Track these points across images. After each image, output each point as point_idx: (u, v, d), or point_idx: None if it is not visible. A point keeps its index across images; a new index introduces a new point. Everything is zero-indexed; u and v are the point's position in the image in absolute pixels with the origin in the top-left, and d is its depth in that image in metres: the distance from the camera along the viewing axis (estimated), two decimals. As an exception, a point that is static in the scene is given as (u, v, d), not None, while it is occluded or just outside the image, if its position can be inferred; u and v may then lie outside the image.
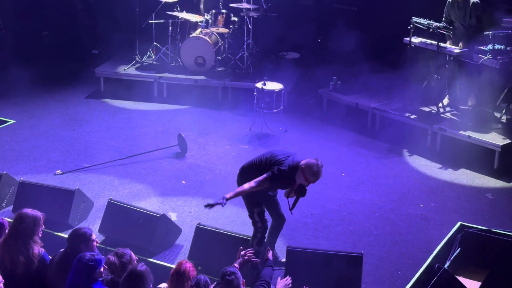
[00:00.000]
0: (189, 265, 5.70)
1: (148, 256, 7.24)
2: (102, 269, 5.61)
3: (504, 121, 9.92)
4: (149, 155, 9.72)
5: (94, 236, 6.12)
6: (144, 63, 12.23)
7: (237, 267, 5.97)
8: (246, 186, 6.54)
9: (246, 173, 6.76)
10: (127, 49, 12.49)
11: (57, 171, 9.16)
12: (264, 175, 6.51)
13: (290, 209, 6.72)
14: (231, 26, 11.89)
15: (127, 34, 12.42)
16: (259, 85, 10.41)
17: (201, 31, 11.78)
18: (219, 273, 6.76)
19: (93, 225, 7.76)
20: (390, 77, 10.88)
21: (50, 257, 6.17)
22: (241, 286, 5.59)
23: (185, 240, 7.63)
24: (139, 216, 7.50)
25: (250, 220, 6.93)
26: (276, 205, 7.04)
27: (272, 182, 6.56)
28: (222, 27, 11.81)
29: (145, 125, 10.79)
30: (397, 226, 8.08)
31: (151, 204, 8.41)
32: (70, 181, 8.89)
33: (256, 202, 6.82)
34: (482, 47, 9.88)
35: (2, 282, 5.51)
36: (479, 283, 7.19)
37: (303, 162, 6.55)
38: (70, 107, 11.40)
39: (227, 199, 6.47)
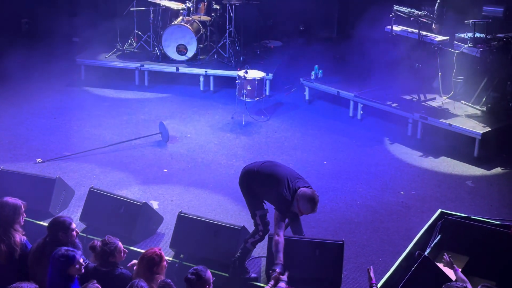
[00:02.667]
0: (152, 251, 5.71)
1: (130, 245, 7.21)
2: (78, 266, 5.55)
3: (485, 109, 9.98)
4: (130, 143, 9.68)
5: (74, 225, 6.09)
6: (125, 51, 12.16)
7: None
8: (277, 239, 6.35)
9: (249, 182, 6.64)
10: (108, 37, 12.40)
11: (38, 160, 9.10)
12: (276, 216, 6.42)
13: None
14: (213, 14, 11.85)
15: (108, 22, 12.33)
16: (241, 73, 10.39)
17: (182, 19, 11.72)
18: (201, 261, 6.79)
19: (74, 213, 7.72)
20: (372, 66, 10.91)
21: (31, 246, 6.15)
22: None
23: (167, 228, 7.63)
24: (121, 204, 7.47)
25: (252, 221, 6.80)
26: (298, 222, 7.02)
27: (284, 216, 6.53)
28: (204, 15, 11.76)
29: (127, 113, 10.74)
30: (378, 214, 8.13)
31: (132, 192, 8.39)
32: (51, 170, 8.84)
33: (259, 205, 6.69)
34: (462, 35, 9.93)
35: None
36: (459, 270, 7.25)
37: (300, 191, 6.39)
38: (50, 95, 11.31)
39: (281, 262, 6.29)
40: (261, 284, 6.78)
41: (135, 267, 5.89)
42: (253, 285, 6.79)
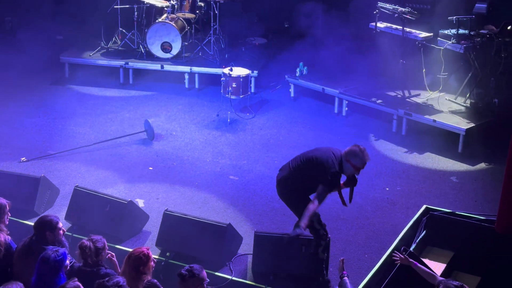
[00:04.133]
0: (140, 251, 5.70)
1: (116, 243, 7.20)
2: (66, 264, 5.56)
3: (469, 105, 10.04)
4: (115, 141, 9.65)
5: (60, 224, 6.07)
6: (109, 49, 12.11)
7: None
8: (312, 206, 6.24)
9: (292, 185, 6.48)
10: (92, 34, 12.34)
11: (22, 159, 9.05)
12: (321, 189, 6.26)
13: (350, 201, 6.58)
14: (197, 11, 11.82)
15: (92, 20, 12.26)
16: (226, 70, 10.39)
17: (167, 16, 11.69)
18: (188, 259, 6.79)
19: (59, 212, 7.69)
20: (357, 63, 10.94)
21: (16, 245, 6.11)
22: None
23: (153, 226, 7.61)
24: (106, 203, 7.45)
25: (310, 230, 6.57)
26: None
27: (331, 189, 6.41)
28: (188, 12, 11.73)
29: (111, 112, 10.70)
30: (363, 210, 8.15)
31: (118, 190, 8.36)
32: (36, 169, 8.79)
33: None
34: (446, 32, 9.98)
35: None
36: (444, 265, 7.30)
37: (344, 153, 6.36)
38: (34, 94, 11.24)
39: (304, 227, 6.23)
40: (249, 282, 6.79)
41: (116, 268, 5.87)
42: (243, 284, 6.80)
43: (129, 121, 10.37)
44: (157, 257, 6.97)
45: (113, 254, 6.12)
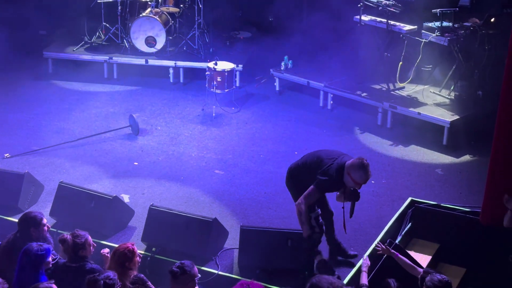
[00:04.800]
0: (125, 247, 5.69)
1: (101, 239, 7.17)
2: (49, 260, 5.53)
3: (453, 97, 10.08)
4: (100, 137, 9.60)
5: (45, 220, 6.04)
6: (93, 44, 12.03)
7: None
8: (300, 209, 6.38)
9: (295, 176, 6.62)
10: (75, 29, 12.25)
11: (6, 155, 8.98)
12: (310, 189, 6.36)
13: (350, 216, 6.59)
14: (181, 5, 11.76)
15: (75, 14, 12.17)
16: (210, 64, 10.35)
17: (151, 11, 11.61)
18: (174, 254, 6.77)
19: (44, 208, 7.64)
20: (342, 56, 10.94)
21: (0, 242, 6.07)
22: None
23: (138, 221, 7.58)
24: (91, 198, 7.41)
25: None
26: (324, 201, 6.88)
27: (320, 192, 6.44)
28: (172, 6, 11.68)
29: (96, 107, 10.64)
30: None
31: (103, 186, 8.32)
32: (19, 165, 8.73)
33: (312, 207, 6.55)
34: (430, 24, 10.00)
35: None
36: (430, 257, 7.33)
37: (347, 164, 6.30)
38: (18, 89, 11.15)
39: (306, 236, 6.50)
40: (235, 276, 6.79)
41: (107, 264, 5.85)
42: (229, 278, 6.79)
43: (114, 116, 10.32)
44: (142, 252, 6.95)
45: (108, 250, 6.10)
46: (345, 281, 6.30)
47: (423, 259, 6.90)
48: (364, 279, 5.94)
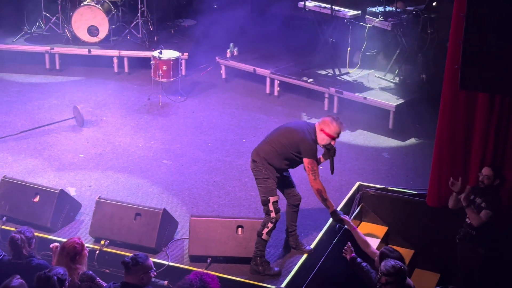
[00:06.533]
0: (72, 241, 5.61)
1: (48, 233, 7.03)
2: None
3: (397, 81, 10.20)
4: (44, 129, 9.39)
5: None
6: (33, 34, 11.74)
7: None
8: (319, 183, 6.47)
9: (270, 162, 6.50)
10: (14, 19, 11.92)
11: None
12: (308, 163, 6.41)
13: (332, 172, 6.64)
14: (124, -7, 11.58)
15: (13, 3, 11.85)
16: (155, 53, 10.22)
17: (92, -1, 11.40)
18: (123, 246, 6.69)
19: (-14, 204, 7.44)
20: (288, 42, 10.94)
21: None
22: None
23: (86, 214, 7.46)
24: (36, 192, 7.25)
25: (263, 208, 6.62)
26: (292, 185, 6.89)
27: (315, 157, 6.46)
28: (114, -6, 11.48)
29: (38, 98, 10.40)
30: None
31: (48, 179, 8.15)
32: (-40, 160, 8.50)
33: (272, 190, 6.54)
34: (373, 9, 10.08)
35: None
36: (379, 240, 7.45)
37: (317, 123, 6.48)
38: (-44, 83, 10.84)
39: (330, 208, 6.58)
40: (186, 267, 6.74)
41: (54, 260, 5.73)
42: (180, 268, 6.74)
43: (57, 107, 10.10)
44: (91, 246, 6.84)
45: (58, 244, 5.91)
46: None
47: (372, 242, 6.98)
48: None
